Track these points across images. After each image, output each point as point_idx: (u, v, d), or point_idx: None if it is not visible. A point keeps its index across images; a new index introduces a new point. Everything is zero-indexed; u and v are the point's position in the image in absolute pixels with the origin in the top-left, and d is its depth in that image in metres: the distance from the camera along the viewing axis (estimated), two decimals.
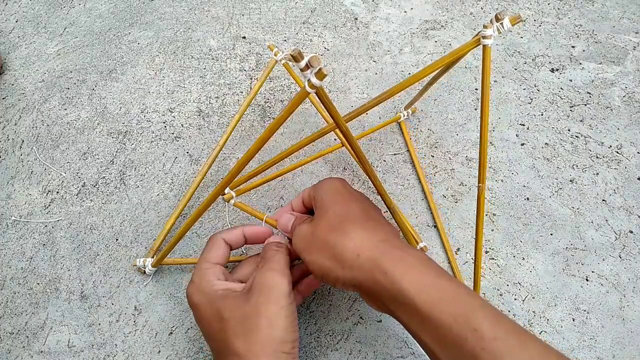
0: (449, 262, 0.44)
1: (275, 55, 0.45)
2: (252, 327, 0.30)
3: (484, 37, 0.30)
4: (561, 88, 0.56)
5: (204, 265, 0.35)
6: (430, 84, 0.44)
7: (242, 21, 0.61)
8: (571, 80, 0.56)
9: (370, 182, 0.49)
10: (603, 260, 0.44)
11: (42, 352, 0.40)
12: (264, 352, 0.29)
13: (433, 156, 0.51)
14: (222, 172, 0.49)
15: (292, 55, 0.25)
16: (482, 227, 0.37)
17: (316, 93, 0.27)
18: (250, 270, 0.36)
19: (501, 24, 0.29)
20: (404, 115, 0.52)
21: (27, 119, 0.53)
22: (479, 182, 0.35)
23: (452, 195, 0.48)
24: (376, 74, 0.57)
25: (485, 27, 0.30)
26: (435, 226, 0.46)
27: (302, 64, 0.25)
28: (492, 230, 0.46)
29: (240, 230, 0.37)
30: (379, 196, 0.48)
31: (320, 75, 0.25)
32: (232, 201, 0.39)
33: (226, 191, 0.39)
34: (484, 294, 0.42)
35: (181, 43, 0.59)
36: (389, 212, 0.39)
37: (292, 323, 0.31)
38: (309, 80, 0.26)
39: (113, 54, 0.58)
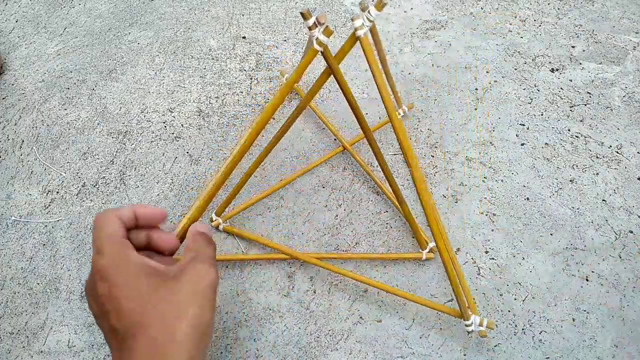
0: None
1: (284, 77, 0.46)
2: (181, 314, 0.28)
3: (356, 30, 0.29)
4: (561, 88, 0.56)
5: (114, 237, 0.29)
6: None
7: (242, 21, 0.61)
8: (571, 80, 0.56)
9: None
10: (603, 260, 0.44)
11: (42, 352, 0.40)
12: (189, 340, 0.28)
13: (433, 156, 0.51)
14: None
15: (301, 14, 0.27)
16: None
17: (322, 53, 0.28)
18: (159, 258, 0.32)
19: (369, 12, 0.29)
20: (400, 114, 0.51)
21: (27, 119, 0.53)
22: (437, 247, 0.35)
23: (452, 195, 0.48)
24: None
25: (353, 19, 0.29)
26: None
27: (310, 22, 0.27)
28: (492, 230, 0.46)
29: (132, 209, 0.32)
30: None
31: (327, 32, 0.27)
32: (220, 227, 0.41)
33: (213, 218, 0.42)
34: (484, 294, 0.42)
35: (181, 43, 0.59)
36: (400, 210, 0.38)
37: (214, 314, 0.30)
38: (317, 38, 0.28)
39: (113, 54, 0.58)
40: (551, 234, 0.46)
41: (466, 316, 0.37)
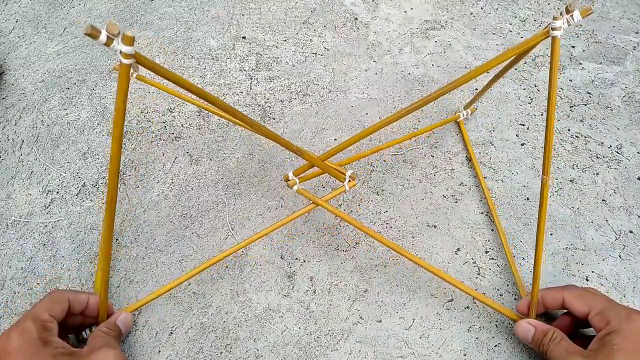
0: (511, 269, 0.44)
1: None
2: None
3: (553, 29, 0.29)
4: (561, 88, 0.56)
5: (45, 316, 0.33)
6: (495, 79, 0.42)
7: (242, 21, 0.62)
8: (571, 80, 0.56)
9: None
10: (603, 260, 0.44)
11: None
12: None
13: (433, 156, 0.51)
14: (223, 172, 0.49)
15: (86, 34, 0.21)
16: (544, 224, 0.36)
17: (138, 62, 0.23)
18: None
19: (571, 16, 0.29)
20: (463, 115, 0.51)
21: (27, 119, 0.53)
22: (543, 174, 0.34)
23: (452, 195, 0.48)
24: (376, 74, 0.57)
25: (555, 19, 0.29)
26: (435, 226, 0.46)
27: (103, 37, 0.22)
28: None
29: (86, 297, 0.37)
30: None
31: (127, 39, 0.22)
32: (295, 187, 0.39)
33: (290, 177, 0.39)
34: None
35: (181, 43, 0.59)
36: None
37: None
38: (120, 52, 0.22)
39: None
40: (551, 234, 0.46)
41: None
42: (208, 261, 0.41)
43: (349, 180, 0.40)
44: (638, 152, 0.51)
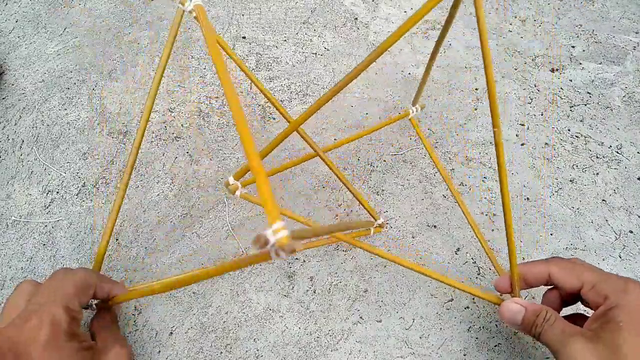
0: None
1: (183, 4, 0.35)
2: None
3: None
4: (561, 88, 0.56)
5: (76, 307, 0.31)
6: (427, 70, 0.41)
7: (242, 21, 0.62)
8: (571, 80, 0.56)
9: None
10: (603, 260, 0.44)
11: None
12: None
13: None
14: (223, 172, 0.49)
15: (254, 243, 0.18)
16: (506, 176, 0.32)
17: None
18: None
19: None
20: (412, 111, 0.49)
21: (27, 119, 0.53)
22: (494, 127, 0.31)
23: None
24: (376, 74, 0.57)
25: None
26: (435, 226, 0.46)
27: (270, 243, 0.18)
28: (492, 230, 0.46)
29: (110, 287, 0.35)
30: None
31: (289, 248, 0.18)
32: (237, 192, 0.35)
33: (231, 181, 0.34)
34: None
35: (181, 43, 0.59)
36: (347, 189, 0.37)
37: None
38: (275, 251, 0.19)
39: (113, 54, 0.58)
40: (551, 234, 0.46)
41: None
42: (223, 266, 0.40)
43: (376, 226, 0.39)
44: (638, 152, 0.51)
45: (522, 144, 0.51)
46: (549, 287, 0.35)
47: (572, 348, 0.28)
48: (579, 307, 0.37)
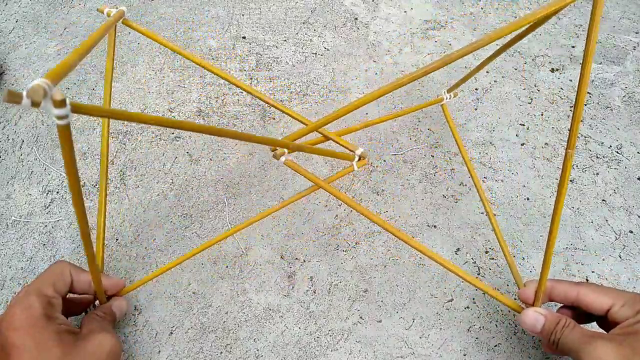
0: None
1: (108, 15, 0.33)
2: None
3: None
4: (561, 88, 0.56)
5: (49, 292, 0.33)
6: (486, 62, 0.40)
7: (242, 21, 0.62)
8: (571, 80, 0.56)
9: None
10: (603, 260, 0.44)
11: None
12: None
13: (433, 156, 0.51)
14: (223, 172, 0.49)
15: (6, 101, 0.17)
16: (562, 203, 0.32)
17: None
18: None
19: None
20: (446, 98, 0.48)
21: (27, 119, 0.53)
22: (568, 148, 0.31)
23: (452, 195, 0.48)
24: (376, 74, 0.57)
25: None
26: (435, 226, 0.46)
27: (27, 102, 0.17)
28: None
29: (89, 279, 0.36)
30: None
31: (57, 102, 0.17)
32: (282, 158, 0.33)
33: (278, 149, 0.32)
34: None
35: (181, 43, 0.59)
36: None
37: None
38: (56, 115, 0.18)
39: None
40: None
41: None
42: (203, 244, 0.40)
43: (359, 159, 0.33)
44: (638, 152, 0.51)
45: (522, 144, 0.51)
46: (560, 305, 0.36)
47: (594, 345, 0.29)
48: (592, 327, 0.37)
